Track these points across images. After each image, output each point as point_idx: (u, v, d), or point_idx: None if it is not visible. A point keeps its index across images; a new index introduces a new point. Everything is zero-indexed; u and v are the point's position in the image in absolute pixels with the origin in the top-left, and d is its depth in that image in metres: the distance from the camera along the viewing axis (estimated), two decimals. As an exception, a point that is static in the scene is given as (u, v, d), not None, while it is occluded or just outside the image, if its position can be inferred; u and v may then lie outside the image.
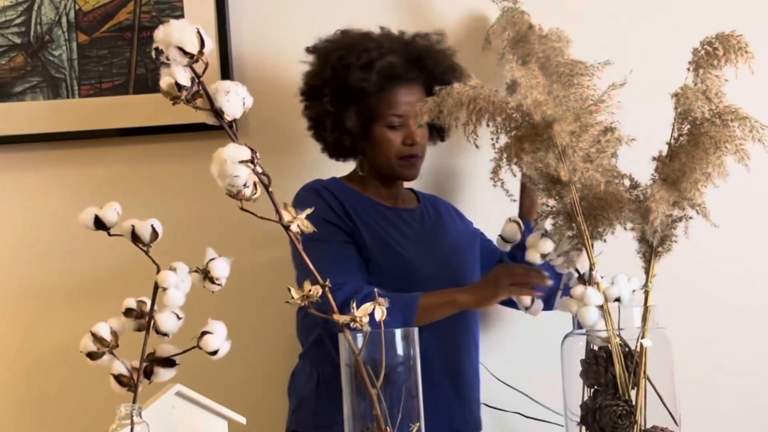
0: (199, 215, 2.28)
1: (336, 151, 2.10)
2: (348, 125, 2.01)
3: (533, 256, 1.63)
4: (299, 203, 2.00)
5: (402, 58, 2.01)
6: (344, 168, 2.15)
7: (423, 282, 1.91)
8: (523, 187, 2.08)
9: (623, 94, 1.57)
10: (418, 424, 1.34)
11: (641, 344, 1.55)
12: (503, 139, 1.58)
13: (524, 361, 2.24)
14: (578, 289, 1.54)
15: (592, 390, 1.57)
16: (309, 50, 2.10)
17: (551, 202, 1.61)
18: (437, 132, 2.15)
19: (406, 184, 2.17)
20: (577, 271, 1.65)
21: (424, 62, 2.04)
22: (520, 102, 1.50)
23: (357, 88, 1.98)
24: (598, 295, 1.53)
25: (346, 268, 1.91)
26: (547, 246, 1.61)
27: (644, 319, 1.57)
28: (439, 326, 1.89)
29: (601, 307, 1.55)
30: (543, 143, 1.52)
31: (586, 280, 1.60)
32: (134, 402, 1.31)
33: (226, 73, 2.23)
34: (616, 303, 1.57)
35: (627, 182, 1.61)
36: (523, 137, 1.55)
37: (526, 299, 1.76)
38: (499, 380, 2.22)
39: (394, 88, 2.00)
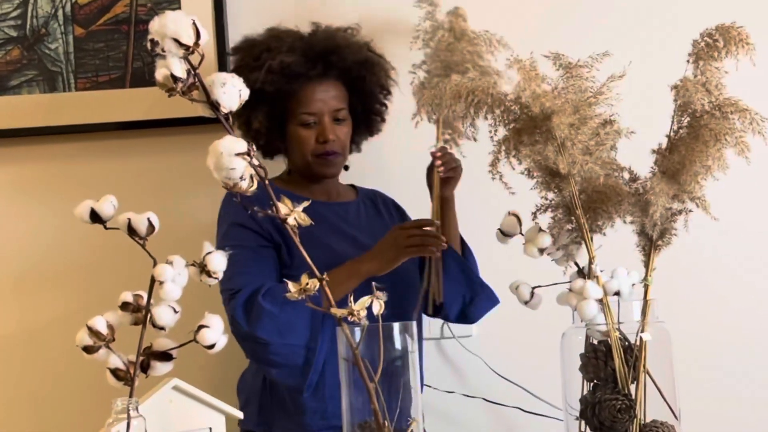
0: (196, 209, 2.27)
1: (260, 151, 2.08)
2: (254, 126, 2.01)
3: (531, 251, 1.62)
4: (222, 209, 2.03)
5: (303, 55, 1.99)
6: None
7: None
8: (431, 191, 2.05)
9: (622, 86, 1.56)
10: (416, 417, 1.33)
11: (641, 338, 1.54)
12: (501, 132, 1.57)
13: (523, 356, 2.23)
14: (578, 283, 1.54)
15: (592, 384, 1.56)
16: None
17: (550, 195, 1.60)
18: (365, 128, 2.13)
19: (344, 179, 2.15)
20: (577, 264, 1.64)
21: (329, 58, 2.02)
22: (518, 94, 1.49)
23: (255, 89, 1.91)
24: (597, 288, 1.53)
25: (252, 272, 1.89)
26: (545, 240, 1.60)
27: (644, 312, 1.56)
28: None
29: (600, 301, 1.54)
30: (542, 136, 1.51)
31: (585, 273, 1.59)
32: (131, 396, 1.31)
33: (223, 65, 2.23)
34: (616, 297, 1.56)
35: (626, 175, 1.60)
36: (522, 130, 1.54)
37: (525, 294, 1.75)
38: (498, 375, 2.22)
39: (302, 87, 1.98)
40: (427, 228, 1.88)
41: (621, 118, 1.57)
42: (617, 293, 1.56)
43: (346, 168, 2.10)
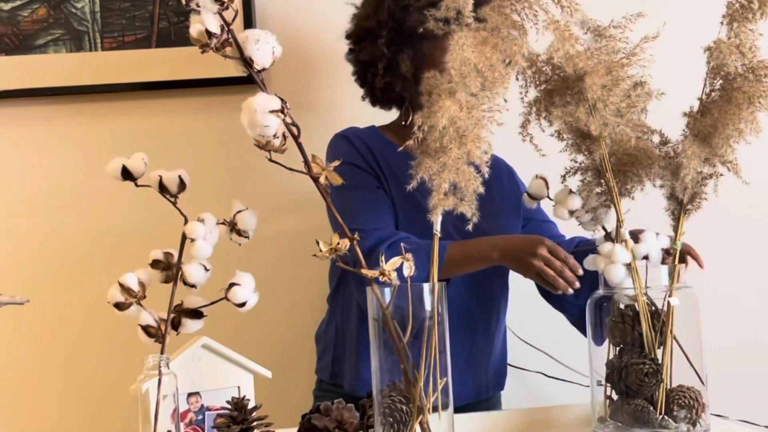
0: (221, 169, 2.27)
1: (382, 98, 2.02)
2: (402, 70, 1.93)
3: (561, 213, 1.61)
4: (331, 150, 1.98)
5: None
6: (363, 120, 2.12)
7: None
8: None
9: (654, 47, 1.54)
10: (445, 378, 1.33)
11: (668, 303, 1.53)
12: (532, 93, 1.56)
13: (546, 321, 2.23)
14: (606, 246, 1.53)
15: (618, 349, 1.56)
16: None
17: (580, 157, 1.59)
18: None
19: None
20: (604, 228, 1.64)
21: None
22: (551, 55, 1.47)
23: (415, 30, 1.86)
24: (626, 252, 1.52)
25: (376, 214, 1.85)
26: (576, 202, 1.59)
27: (672, 277, 1.55)
28: (455, 295, 1.86)
29: (628, 265, 1.53)
30: (573, 97, 1.49)
31: (613, 237, 1.58)
32: (162, 353, 1.31)
33: (249, 22, 2.23)
34: (644, 261, 1.55)
35: (656, 138, 1.59)
36: (553, 91, 1.52)
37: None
38: (521, 339, 2.22)
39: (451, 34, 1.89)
40: (569, 268, 1.70)
41: (652, 80, 1.55)
42: (646, 257, 1.54)
43: None
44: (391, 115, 2.09)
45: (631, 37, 1.52)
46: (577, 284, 1.62)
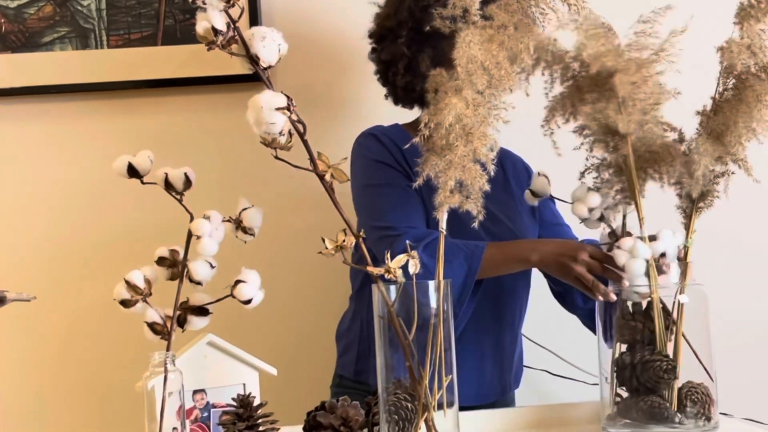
0: (227, 167, 2.27)
1: (404, 97, 2.03)
2: (422, 69, 1.92)
3: (580, 210, 1.61)
4: (358, 147, 1.97)
5: None
6: (369, 117, 2.10)
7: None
8: None
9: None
10: (450, 376, 1.32)
11: (678, 300, 1.53)
12: (557, 89, 1.54)
13: (551, 318, 2.22)
14: (628, 242, 1.52)
15: (627, 346, 1.55)
16: None
17: (599, 154, 1.58)
18: None
19: None
20: (610, 227, 1.63)
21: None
22: (579, 52, 1.46)
23: (435, 29, 1.80)
24: (647, 248, 1.51)
25: (407, 212, 1.84)
26: (594, 200, 1.58)
27: (683, 274, 1.54)
28: (484, 293, 1.86)
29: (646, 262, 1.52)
30: (604, 94, 1.48)
31: (618, 235, 1.58)
32: (168, 350, 1.31)
33: (254, 20, 2.22)
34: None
35: (675, 136, 1.58)
36: (582, 87, 1.51)
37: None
38: (527, 337, 2.21)
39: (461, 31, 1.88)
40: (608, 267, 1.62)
41: (676, 75, 1.53)
42: (663, 255, 1.53)
43: None
44: (405, 114, 2.08)
45: (644, 33, 1.51)
46: (614, 296, 1.57)
